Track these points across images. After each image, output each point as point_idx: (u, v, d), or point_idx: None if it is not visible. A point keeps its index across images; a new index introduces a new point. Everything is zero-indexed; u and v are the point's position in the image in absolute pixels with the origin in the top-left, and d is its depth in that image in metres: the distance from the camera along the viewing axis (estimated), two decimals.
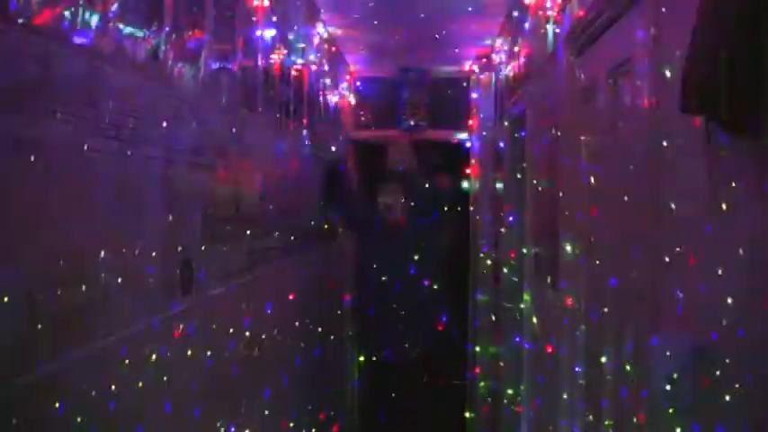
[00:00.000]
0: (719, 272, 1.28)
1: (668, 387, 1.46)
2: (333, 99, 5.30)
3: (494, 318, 5.32)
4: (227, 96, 2.64)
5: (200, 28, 2.31)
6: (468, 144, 6.45)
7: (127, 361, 1.73)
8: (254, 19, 3.00)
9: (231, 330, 2.59)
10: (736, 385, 1.21)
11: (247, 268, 2.84)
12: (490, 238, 5.64)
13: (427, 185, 5.21)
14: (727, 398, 1.24)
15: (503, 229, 4.81)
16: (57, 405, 1.43)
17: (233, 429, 2.56)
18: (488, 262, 5.58)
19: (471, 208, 6.09)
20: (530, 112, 3.68)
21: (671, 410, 1.48)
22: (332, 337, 4.88)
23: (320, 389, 4.59)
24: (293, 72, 3.83)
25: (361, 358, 5.34)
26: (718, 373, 1.29)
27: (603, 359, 2.15)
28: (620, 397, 1.98)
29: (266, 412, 3.06)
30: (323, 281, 4.77)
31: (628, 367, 1.85)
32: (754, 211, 1.18)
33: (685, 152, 1.43)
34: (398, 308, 4.86)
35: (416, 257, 4.94)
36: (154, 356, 1.88)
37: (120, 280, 1.72)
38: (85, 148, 1.56)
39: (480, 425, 5.62)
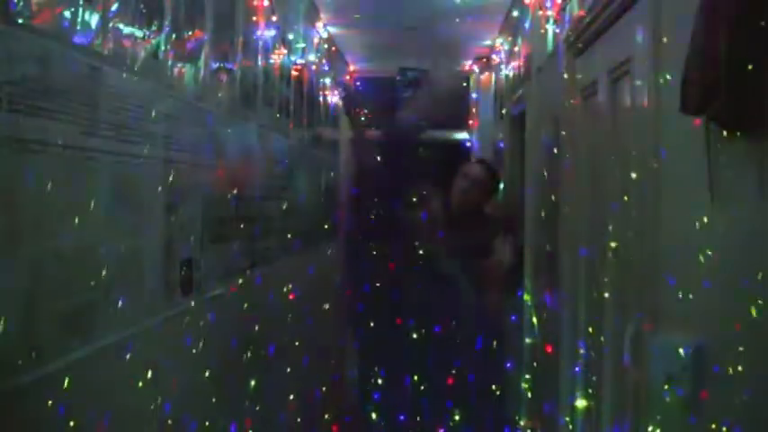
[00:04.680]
0: (719, 271, 1.28)
1: (668, 385, 1.46)
2: (333, 99, 5.31)
3: None
4: (227, 96, 2.64)
5: (201, 28, 2.31)
6: (468, 144, 6.45)
7: (127, 361, 1.73)
8: (254, 19, 3.00)
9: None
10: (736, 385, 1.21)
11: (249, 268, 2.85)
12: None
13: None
14: (727, 397, 1.24)
15: None
16: (57, 405, 1.43)
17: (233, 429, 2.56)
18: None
19: None
20: (530, 112, 3.68)
21: (670, 409, 1.48)
22: None
23: None
24: (293, 72, 3.83)
25: None
26: (717, 371, 1.29)
27: (603, 359, 2.15)
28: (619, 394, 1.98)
29: None
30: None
31: (627, 366, 1.85)
32: (753, 210, 1.18)
33: (685, 152, 1.43)
34: None
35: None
36: (154, 356, 1.88)
37: (119, 280, 1.72)
38: (85, 147, 1.56)
39: None
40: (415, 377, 2.18)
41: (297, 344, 3.10)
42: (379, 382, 2.21)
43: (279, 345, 2.94)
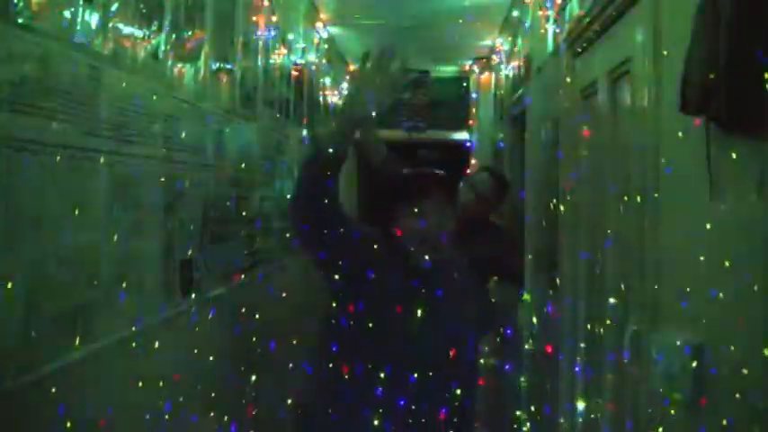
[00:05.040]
0: (719, 271, 1.28)
1: (667, 385, 1.46)
2: (333, 99, 5.31)
3: None
4: (227, 96, 2.63)
5: (201, 28, 2.31)
6: (468, 144, 6.46)
7: (127, 361, 1.73)
8: (254, 19, 3.00)
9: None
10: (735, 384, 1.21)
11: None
12: None
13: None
14: (727, 397, 1.24)
15: None
16: (57, 404, 1.43)
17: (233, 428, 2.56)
18: None
19: None
20: (530, 112, 3.68)
21: (670, 409, 1.48)
22: None
23: None
24: (293, 72, 3.83)
25: None
26: (717, 371, 1.29)
27: (603, 359, 2.15)
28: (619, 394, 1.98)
29: None
30: None
31: (627, 365, 1.85)
32: (753, 210, 1.18)
33: (685, 152, 1.43)
34: None
35: None
36: (153, 356, 1.88)
37: (119, 280, 1.72)
38: (84, 147, 1.56)
39: None
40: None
41: (295, 343, 3.10)
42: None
43: (278, 344, 2.94)
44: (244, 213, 2.83)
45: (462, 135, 6.49)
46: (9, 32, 1.30)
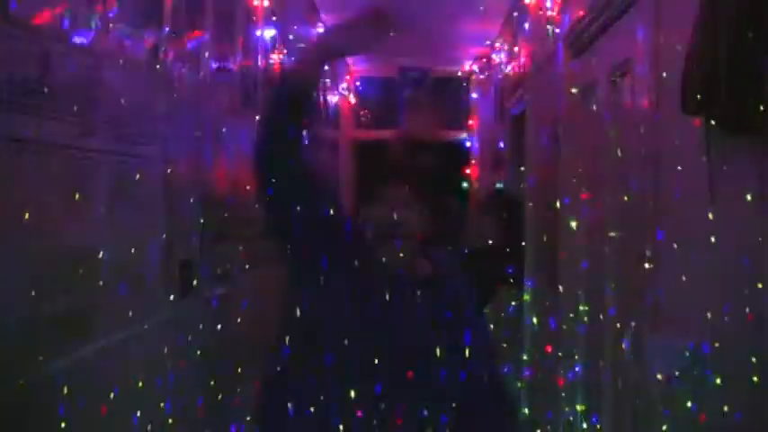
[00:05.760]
0: (720, 271, 1.28)
1: (667, 387, 1.46)
2: (333, 99, 5.31)
3: None
4: (227, 96, 2.64)
5: (201, 28, 2.31)
6: (468, 144, 6.46)
7: (127, 361, 1.73)
8: (254, 19, 3.00)
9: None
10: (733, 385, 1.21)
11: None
12: None
13: None
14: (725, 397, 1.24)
15: None
16: (58, 403, 1.43)
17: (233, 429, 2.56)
18: None
19: None
20: (530, 112, 3.68)
21: (670, 409, 1.48)
22: None
23: None
24: None
25: None
26: (717, 371, 1.29)
27: (602, 360, 2.15)
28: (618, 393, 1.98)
29: None
30: None
31: (627, 366, 1.85)
32: (753, 210, 1.18)
33: (685, 152, 1.43)
34: None
35: None
36: (153, 357, 1.88)
37: (120, 281, 1.72)
38: (85, 147, 1.56)
39: None
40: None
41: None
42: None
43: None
44: (243, 213, 2.83)
45: (462, 135, 6.49)
46: (9, 32, 1.30)
